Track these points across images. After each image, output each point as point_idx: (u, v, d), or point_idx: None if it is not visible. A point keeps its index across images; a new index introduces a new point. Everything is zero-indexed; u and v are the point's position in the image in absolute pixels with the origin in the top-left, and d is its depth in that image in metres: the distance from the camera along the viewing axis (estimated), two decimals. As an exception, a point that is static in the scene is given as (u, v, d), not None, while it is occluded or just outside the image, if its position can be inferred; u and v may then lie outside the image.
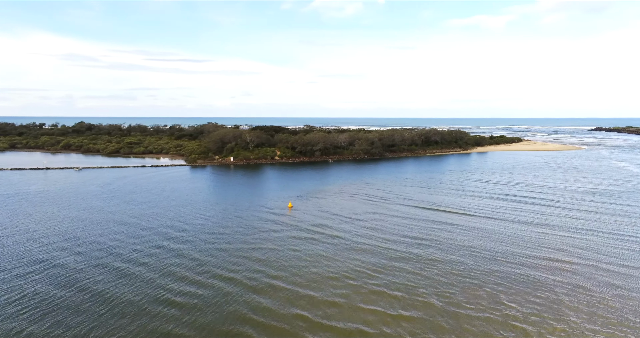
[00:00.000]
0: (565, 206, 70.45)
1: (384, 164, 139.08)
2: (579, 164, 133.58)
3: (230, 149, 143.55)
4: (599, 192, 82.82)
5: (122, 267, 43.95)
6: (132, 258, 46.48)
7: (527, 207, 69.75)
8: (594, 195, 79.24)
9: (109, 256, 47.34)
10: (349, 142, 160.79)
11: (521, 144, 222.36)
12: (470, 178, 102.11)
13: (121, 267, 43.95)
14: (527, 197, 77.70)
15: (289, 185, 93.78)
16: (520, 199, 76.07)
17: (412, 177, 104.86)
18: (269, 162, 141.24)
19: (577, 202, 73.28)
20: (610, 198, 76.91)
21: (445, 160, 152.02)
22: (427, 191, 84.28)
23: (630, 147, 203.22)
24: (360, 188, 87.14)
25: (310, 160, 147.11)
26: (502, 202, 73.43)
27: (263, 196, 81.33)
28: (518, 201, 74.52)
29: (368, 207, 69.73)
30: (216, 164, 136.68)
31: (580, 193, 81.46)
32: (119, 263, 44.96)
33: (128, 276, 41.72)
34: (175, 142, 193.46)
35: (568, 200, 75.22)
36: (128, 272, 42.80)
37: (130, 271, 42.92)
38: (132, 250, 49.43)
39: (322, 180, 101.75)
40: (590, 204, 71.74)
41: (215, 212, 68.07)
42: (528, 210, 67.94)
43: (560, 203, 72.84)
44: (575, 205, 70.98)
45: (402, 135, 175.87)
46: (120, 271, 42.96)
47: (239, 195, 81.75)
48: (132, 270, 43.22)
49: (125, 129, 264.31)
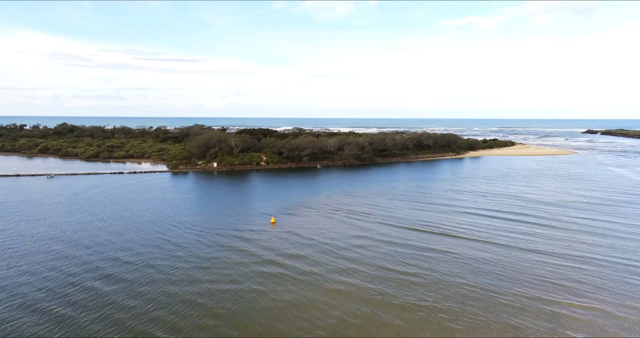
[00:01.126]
0: (566, 226, 63.66)
1: (374, 170, 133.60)
2: (576, 171, 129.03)
3: (213, 154, 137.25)
4: (601, 206, 76.87)
5: (24, 322, 34.86)
6: (47, 310, 37.02)
7: (525, 228, 62.20)
8: (596, 213, 71.84)
9: (27, 300, 38.60)
10: (338, 146, 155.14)
11: (515, 148, 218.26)
12: (462, 188, 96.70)
13: (24, 323, 34.84)
14: (524, 215, 70.02)
15: (273, 196, 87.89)
16: (517, 217, 68.87)
17: (402, 186, 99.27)
18: (254, 168, 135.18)
19: (579, 221, 66.61)
20: (614, 216, 70.13)
21: (437, 166, 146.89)
22: (417, 206, 77.34)
23: (624, 152, 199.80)
24: (346, 201, 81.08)
25: (298, 166, 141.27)
26: (497, 222, 66.04)
27: (244, 209, 75.37)
28: (514, 220, 67.23)
29: (351, 229, 61.72)
30: (199, 170, 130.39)
31: (581, 210, 74.29)
32: (28, 318, 35.64)
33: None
34: (158, 146, 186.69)
35: (569, 218, 68.45)
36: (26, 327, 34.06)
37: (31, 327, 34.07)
38: (55, 293, 40.23)
39: (309, 189, 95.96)
40: (594, 224, 64.65)
41: (182, 231, 61.12)
42: (526, 231, 60.42)
43: (560, 222, 65.91)
44: (578, 225, 64.40)
45: (393, 140, 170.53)
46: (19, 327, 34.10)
47: (217, 209, 75.69)
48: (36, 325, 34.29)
49: (109, 130, 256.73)
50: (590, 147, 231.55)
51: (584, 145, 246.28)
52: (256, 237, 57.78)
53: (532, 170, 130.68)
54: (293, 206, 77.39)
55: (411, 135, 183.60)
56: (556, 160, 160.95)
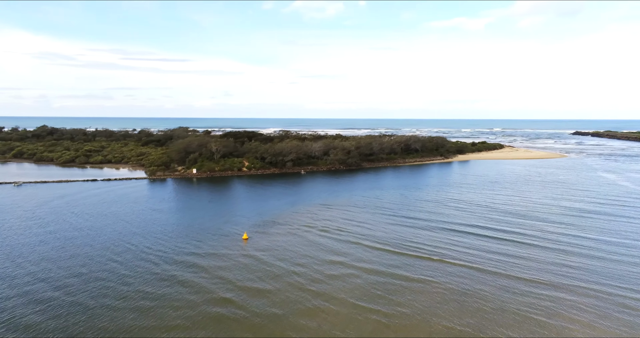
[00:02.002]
0: (557, 246, 58.05)
1: (359, 176, 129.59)
2: (565, 177, 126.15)
3: (193, 160, 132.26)
4: (593, 220, 72.18)
5: None
6: None
7: (513, 249, 56.38)
8: (588, 230, 66.28)
9: None
10: (323, 151, 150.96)
11: (503, 151, 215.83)
12: (449, 197, 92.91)
13: None
14: (512, 233, 64.05)
15: (250, 207, 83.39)
16: (504, 235, 63.04)
17: (386, 196, 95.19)
18: (235, 174, 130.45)
19: (571, 240, 60.64)
20: (607, 234, 65.17)
21: (425, 171, 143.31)
22: (398, 221, 71.44)
23: (612, 155, 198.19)
24: (325, 215, 75.83)
25: (281, 172, 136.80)
26: (483, 241, 59.89)
27: (216, 223, 70.80)
28: (501, 238, 61.35)
29: (326, 252, 55.07)
30: (178, 177, 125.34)
31: (572, 226, 68.81)
32: None
33: None
34: (139, 150, 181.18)
35: (559, 235, 63.00)
36: None
37: None
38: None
39: (290, 198, 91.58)
40: (586, 244, 58.89)
41: (137, 255, 54.58)
42: (514, 253, 54.77)
43: (550, 241, 60.34)
44: (569, 244, 58.73)
45: (380, 143, 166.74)
46: None
47: (187, 223, 70.99)
48: None
49: (91, 133, 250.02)
50: (579, 150, 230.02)
51: (572, 148, 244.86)
52: (219, 264, 51.17)
53: (520, 176, 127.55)
54: (269, 220, 72.86)
55: (398, 139, 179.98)
56: (545, 165, 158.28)
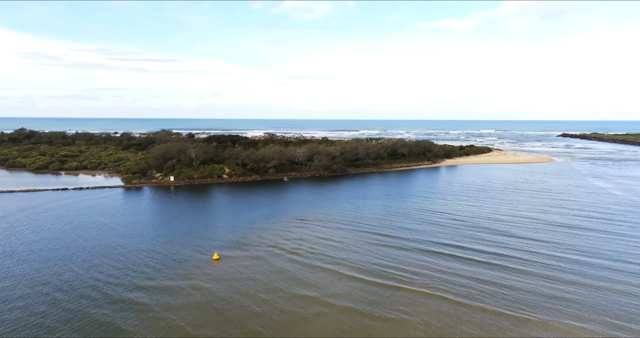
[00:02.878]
0: (546, 272, 52.18)
1: (344, 183, 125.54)
2: (553, 183, 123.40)
3: (170, 167, 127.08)
4: (584, 237, 67.86)
5: None
6: None
7: (499, 274, 50.36)
8: (578, 253, 60.66)
9: None
10: (307, 156, 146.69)
11: (491, 155, 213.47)
12: (433, 208, 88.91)
13: None
14: (499, 255, 57.58)
15: (226, 219, 78.86)
16: (490, 256, 57.69)
17: (368, 207, 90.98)
18: (215, 182, 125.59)
19: (562, 265, 54.76)
20: (599, 257, 60.28)
21: (411, 177, 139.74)
22: (377, 239, 65.47)
23: (600, 159, 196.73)
24: (301, 232, 70.19)
25: (263, 179, 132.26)
26: (468, 265, 54.59)
27: (185, 239, 66.21)
28: (487, 262, 55.42)
29: (295, 283, 47.87)
30: (154, 185, 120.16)
31: (562, 245, 63.98)
32: None
33: None
34: (118, 154, 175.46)
35: (549, 258, 57.16)
36: None
37: None
38: None
39: (269, 209, 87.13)
40: (578, 269, 53.51)
41: (80, 286, 48.12)
42: (500, 281, 49.26)
43: (539, 265, 54.60)
44: (561, 271, 52.65)
45: (366, 148, 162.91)
46: None
47: (151, 241, 66.23)
48: None
49: (70, 136, 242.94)
50: (567, 153, 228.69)
51: (560, 151, 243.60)
52: (170, 301, 44.13)
53: (508, 183, 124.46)
54: (241, 237, 68.22)
55: (385, 143, 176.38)
56: (533, 170, 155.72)
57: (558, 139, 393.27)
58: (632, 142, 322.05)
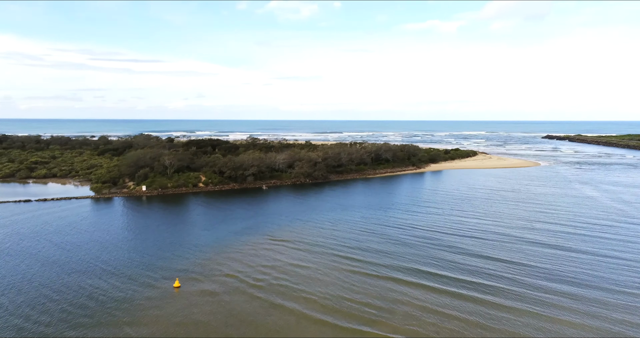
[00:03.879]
0: (540, 308, 46.61)
1: (325, 191, 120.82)
2: (539, 191, 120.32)
3: (143, 176, 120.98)
4: (577, 263, 63.59)
5: None
6: None
7: (487, 313, 45.25)
8: (568, 283, 53.23)
9: None
10: (288, 163, 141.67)
11: (477, 159, 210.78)
12: (415, 223, 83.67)
13: None
14: (483, 286, 52.21)
15: (193, 236, 73.52)
16: (474, 288, 51.76)
17: (344, 222, 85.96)
18: (190, 191, 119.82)
19: (549, 297, 49.33)
20: (588, 287, 52.93)
21: (395, 184, 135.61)
22: (348, 265, 59.16)
23: (585, 163, 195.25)
24: (267, 255, 64.28)
25: (242, 187, 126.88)
26: (449, 299, 48.74)
27: (147, 259, 60.97)
28: (471, 297, 49.11)
29: (243, 327, 41.96)
30: (126, 195, 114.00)
31: (548, 271, 58.67)
32: None
33: None
34: (92, 160, 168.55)
35: (539, 293, 50.73)
36: None
37: None
38: None
39: (240, 224, 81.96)
40: (575, 308, 47.36)
41: (6, 324, 43.23)
42: (488, 324, 42.60)
43: (531, 300, 48.62)
44: (550, 305, 47.18)
45: (349, 154, 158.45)
46: None
47: (107, 264, 60.70)
48: None
49: (44, 140, 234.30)
50: (552, 157, 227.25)
51: (545, 155, 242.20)
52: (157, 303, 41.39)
53: (493, 191, 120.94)
54: (205, 260, 62.93)
55: (369, 148, 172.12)
56: (519, 176, 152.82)
57: (543, 141, 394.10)
58: (616, 144, 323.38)
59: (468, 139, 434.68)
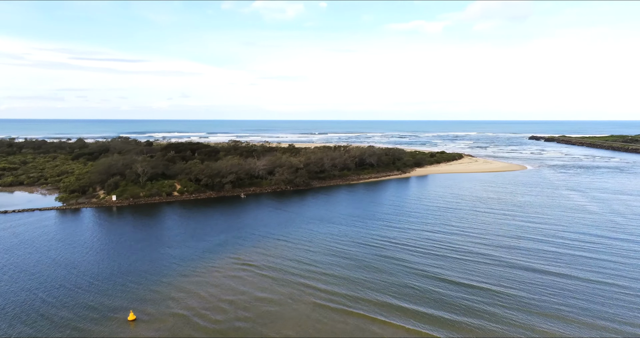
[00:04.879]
0: None
1: (307, 200, 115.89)
2: (526, 199, 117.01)
3: (113, 184, 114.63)
4: (571, 294, 58.14)
5: None
6: None
7: None
8: (559, 319, 47.11)
9: None
10: (268, 170, 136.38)
11: (463, 163, 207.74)
12: (396, 239, 79.30)
13: None
14: (464, 325, 45.85)
15: (156, 256, 67.96)
16: (453, 327, 47.53)
17: (323, 239, 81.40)
18: (164, 201, 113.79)
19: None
20: (580, 324, 47.30)
21: (380, 191, 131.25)
22: (324, 299, 53.61)
23: (572, 167, 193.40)
24: (228, 285, 59.15)
25: (219, 196, 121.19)
26: None
27: (106, 284, 55.32)
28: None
29: None
30: (95, 205, 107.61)
31: (536, 303, 57.12)
32: None
33: None
34: (64, 166, 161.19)
35: (527, 322, 47.05)
36: None
37: None
38: None
39: (211, 240, 76.56)
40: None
41: None
42: None
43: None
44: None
45: (332, 159, 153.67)
46: None
47: (53, 289, 54.94)
48: None
49: (16, 144, 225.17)
50: (538, 160, 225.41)
51: (531, 157, 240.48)
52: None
53: (478, 198, 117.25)
54: (163, 288, 57.24)
55: (353, 153, 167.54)
56: (505, 181, 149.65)
57: (529, 142, 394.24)
58: (600, 145, 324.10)
59: (454, 140, 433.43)
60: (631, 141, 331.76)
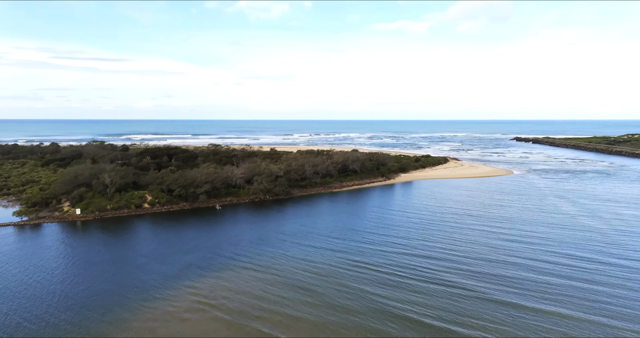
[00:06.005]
0: None
1: (286, 211, 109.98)
2: (513, 210, 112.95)
3: (78, 197, 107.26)
4: (556, 322, 55.05)
5: None
6: None
7: None
8: None
9: None
10: (246, 178, 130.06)
11: (448, 167, 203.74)
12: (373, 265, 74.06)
13: None
14: None
15: (113, 283, 61.41)
16: None
17: (288, 266, 75.88)
18: (134, 214, 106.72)
19: None
20: None
21: (362, 201, 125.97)
22: (269, 328, 49.73)
23: (558, 171, 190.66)
24: (183, 324, 53.67)
25: (193, 207, 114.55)
26: None
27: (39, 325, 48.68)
28: None
29: None
30: (57, 220, 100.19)
31: None
32: None
33: None
34: (32, 174, 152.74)
35: None
36: None
37: None
38: None
39: (171, 266, 70.14)
40: None
41: None
42: None
43: None
44: None
45: (314, 166, 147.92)
46: None
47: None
48: None
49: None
50: (524, 163, 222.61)
51: (517, 161, 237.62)
52: None
53: (463, 209, 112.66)
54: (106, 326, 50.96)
55: (336, 159, 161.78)
56: (491, 187, 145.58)
57: (513, 144, 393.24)
58: (584, 147, 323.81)
59: (439, 142, 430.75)
60: (614, 143, 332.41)
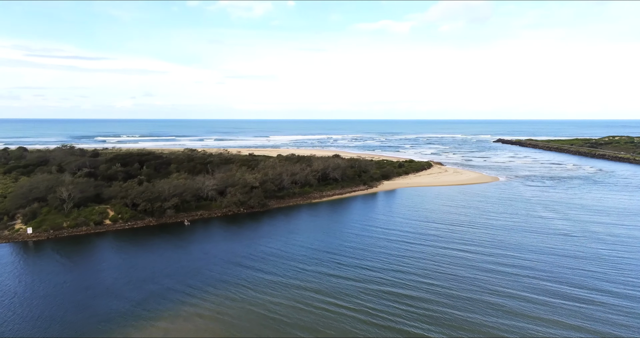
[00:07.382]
0: None
1: (261, 227, 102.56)
2: (500, 224, 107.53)
3: (31, 214, 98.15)
4: None
5: None
6: None
7: None
8: None
9: None
10: (219, 190, 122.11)
11: (432, 173, 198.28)
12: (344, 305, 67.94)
13: None
14: None
15: (52, 323, 53.36)
16: None
17: (254, 298, 68.73)
18: (93, 232, 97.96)
19: None
20: None
21: (342, 214, 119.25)
22: None
23: (544, 177, 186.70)
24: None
25: (159, 223, 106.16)
26: None
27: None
28: None
29: None
30: (6, 241, 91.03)
31: None
32: None
33: None
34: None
35: None
36: None
37: None
38: None
39: (128, 296, 62.26)
40: None
41: None
42: None
43: None
44: None
45: (292, 175, 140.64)
46: None
47: None
48: None
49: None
50: (509, 168, 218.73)
51: (501, 165, 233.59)
52: None
53: (447, 222, 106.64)
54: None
55: (315, 167, 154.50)
56: (476, 197, 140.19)
57: (496, 147, 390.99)
58: (567, 150, 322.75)
59: (423, 144, 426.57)
60: (597, 145, 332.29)
